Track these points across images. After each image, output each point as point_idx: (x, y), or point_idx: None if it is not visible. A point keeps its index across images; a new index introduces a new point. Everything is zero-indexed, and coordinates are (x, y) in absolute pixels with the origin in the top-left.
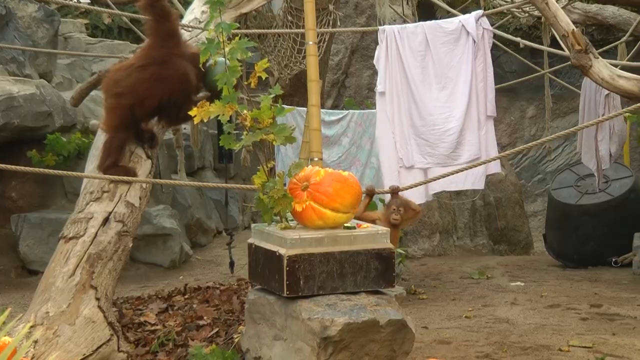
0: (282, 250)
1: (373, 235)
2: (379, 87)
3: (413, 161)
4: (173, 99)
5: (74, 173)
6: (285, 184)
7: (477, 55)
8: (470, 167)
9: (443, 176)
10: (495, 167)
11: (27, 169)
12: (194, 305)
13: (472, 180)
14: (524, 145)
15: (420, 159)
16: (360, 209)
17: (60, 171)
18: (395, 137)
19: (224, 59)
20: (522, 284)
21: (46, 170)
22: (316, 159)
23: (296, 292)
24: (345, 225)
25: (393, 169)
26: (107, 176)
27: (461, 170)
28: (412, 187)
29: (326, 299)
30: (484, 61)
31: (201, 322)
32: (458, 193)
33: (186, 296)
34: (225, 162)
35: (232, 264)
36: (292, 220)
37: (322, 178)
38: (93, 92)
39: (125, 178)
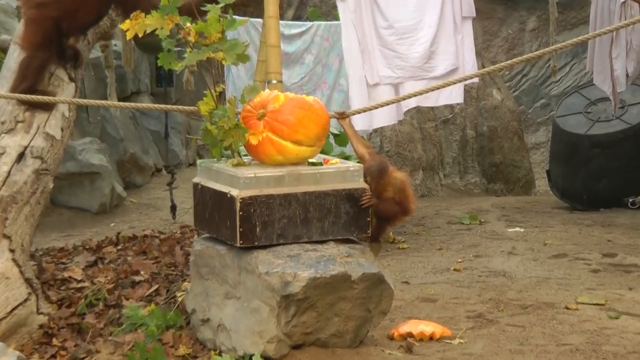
0: (234, 192)
1: (343, 172)
2: None
3: (378, 77)
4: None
5: None
6: (237, 112)
7: None
8: (448, 85)
9: (417, 94)
10: (473, 80)
11: None
12: (129, 258)
13: (448, 94)
14: (520, 58)
15: (388, 73)
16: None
17: None
18: (361, 48)
19: None
20: (522, 229)
21: None
22: (274, 81)
23: (251, 241)
24: (310, 161)
25: (362, 87)
26: (20, 95)
27: (438, 88)
28: (363, 112)
29: (287, 250)
30: None
31: (137, 278)
32: (445, 122)
33: (119, 247)
34: (164, 85)
35: (173, 208)
36: (245, 155)
37: (281, 104)
38: (3, 1)
39: (42, 98)
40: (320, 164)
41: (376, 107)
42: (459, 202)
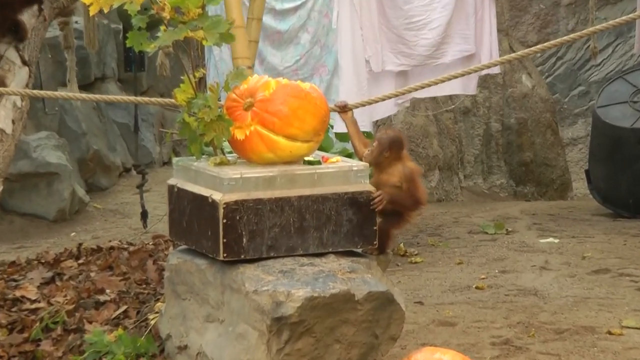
0: (216, 195)
1: (345, 172)
2: None
3: (382, 64)
4: None
5: None
6: (220, 101)
7: None
8: (455, 77)
9: (425, 85)
10: (491, 68)
11: None
12: (92, 274)
13: (464, 83)
14: (555, 41)
15: (391, 59)
16: (358, 146)
17: None
18: (362, 32)
19: None
20: (556, 240)
21: None
22: (244, 67)
23: (237, 253)
24: (306, 159)
25: (360, 75)
26: None
27: (443, 80)
28: (368, 104)
29: (280, 264)
30: None
31: (102, 298)
32: (466, 113)
33: (80, 261)
34: (134, 70)
35: (145, 215)
36: (230, 152)
37: (272, 92)
38: None
39: None
40: (319, 162)
41: (383, 99)
42: (482, 207)
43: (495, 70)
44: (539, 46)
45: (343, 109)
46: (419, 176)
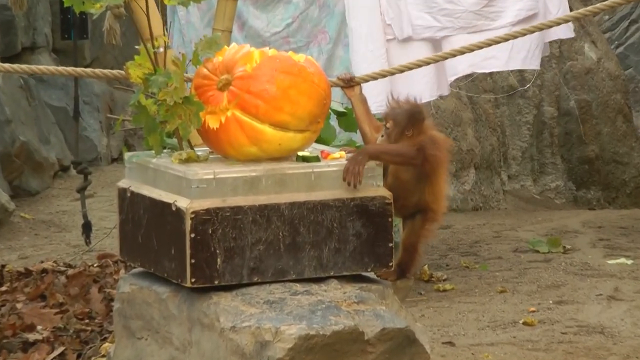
0: (182, 202)
1: None
2: None
3: (410, 28)
4: None
5: None
6: (188, 78)
7: None
8: (522, 34)
9: (471, 49)
10: (563, 30)
11: None
12: (19, 305)
13: (523, 55)
14: None
15: (428, 22)
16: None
17: None
18: None
19: None
20: (629, 261)
21: None
22: (218, 33)
23: (209, 279)
24: (301, 154)
25: (377, 42)
26: None
27: (502, 40)
28: (382, 77)
29: (265, 292)
30: None
31: (32, 337)
32: (511, 95)
33: (4, 288)
34: (74, 38)
35: (87, 228)
36: (200, 148)
37: (256, 67)
38: None
39: None
40: (317, 159)
41: (401, 70)
42: (531, 218)
43: (569, 33)
44: (606, 2)
45: (348, 83)
46: (445, 144)
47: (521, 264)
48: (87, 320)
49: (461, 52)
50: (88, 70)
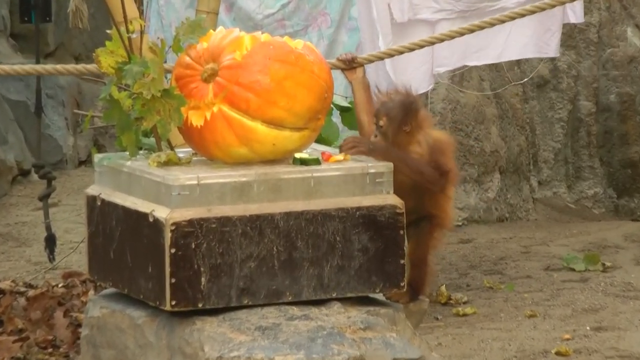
0: (161, 212)
1: (357, 177)
2: None
3: (414, 9)
4: None
5: None
6: (167, 67)
7: None
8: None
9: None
10: (576, 13)
11: None
12: None
13: (535, 42)
14: None
15: (426, 2)
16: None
17: None
18: None
19: None
20: None
21: None
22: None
23: (193, 301)
24: (298, 156)
25: (383, 26)
26: None
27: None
28: (389, 57)
29: (258, 316)
30: None
31: None
32: (541, 86)
33: None
34: (35, 21)
35: (51, 242)
36: (182, 148)
37: (246, 55)
38: None
39: None
40: (317, 161)
41: (401, 51)
42: (565, 230)
43: (579, 17)
44: None
45: (349, 65)
46: (450, 147)
47: (554, 284)
48: (50, 350)
49: (451, 36)
50: (48, 66)
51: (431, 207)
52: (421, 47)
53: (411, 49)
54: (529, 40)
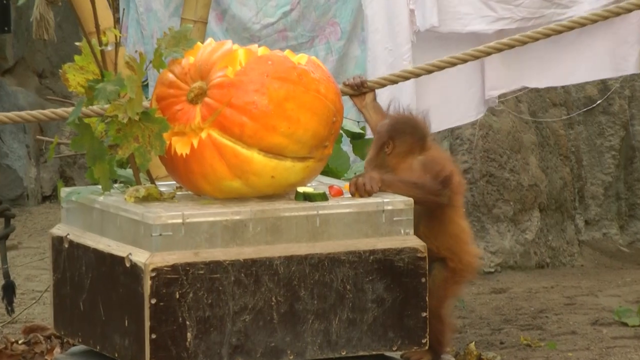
0: (139, 256)
1: (371, 215)
2: None
3: (462, 20)
4: None
5: None
6: (147, 83)
7: None
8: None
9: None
10: None
11: None
12: None
13: (610, 59)
14: None
15: (479, 9)
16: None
17: None
18: None
19: None
20: None
21: None
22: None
23: None
24: (301, 190)
25: (399, 38)
26: None
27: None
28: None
29: None
30: None
31: None
32: (589, 112)
33: None
34: None
35: (9, 291)
36: (164, 181)
37: (241, 71)
38: None
39: None
40: (323, 196)
41: (430, 71)
42: (617, 279)
43: None
44: None
45: (358, 90)
46: (446, 158)
47: (603, 342)
48: None
49: (511, 45)
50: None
51: (445, 248)
52: (452, 65)
53: (429, 71)
54: (603, 58)
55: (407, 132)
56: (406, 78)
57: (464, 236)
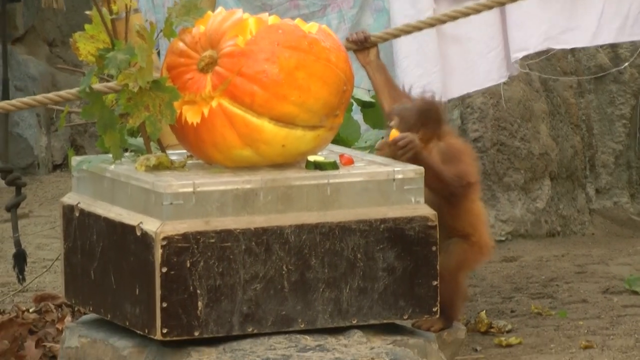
0: (150, 224)
1: (382, 183)
2: None
3: None
4: None
5: None
6: (158, 53)
7: None
8: None
9: None
10: None
11: None
12: None
13: (632, 23)
14: None
15: None
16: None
17: None
18: None
19: None
20: None
21: None
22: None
23: (187, 329)
24: (312, 159)
25: (423, 4)
26: None
27: None
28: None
29: (264, 347)
30: None
31: None
32: (599, 79)
33: None
34: (1, 0)
35: (20, 259)
36: (175, 150)
37: (251, 40)
38: None
39: None
40: (334, 165)
41: (432, 24)
42: (628, 247)
43: None
44: None
45: (361, 45)
46: (468, 154)
47: (614, 310)
48: None
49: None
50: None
51: (462, 228)
52: (466, 15)
53: (432, 24)
54: (625, 21)
55: (434, 120)
56: (419, 28)
57: (483, 216)
